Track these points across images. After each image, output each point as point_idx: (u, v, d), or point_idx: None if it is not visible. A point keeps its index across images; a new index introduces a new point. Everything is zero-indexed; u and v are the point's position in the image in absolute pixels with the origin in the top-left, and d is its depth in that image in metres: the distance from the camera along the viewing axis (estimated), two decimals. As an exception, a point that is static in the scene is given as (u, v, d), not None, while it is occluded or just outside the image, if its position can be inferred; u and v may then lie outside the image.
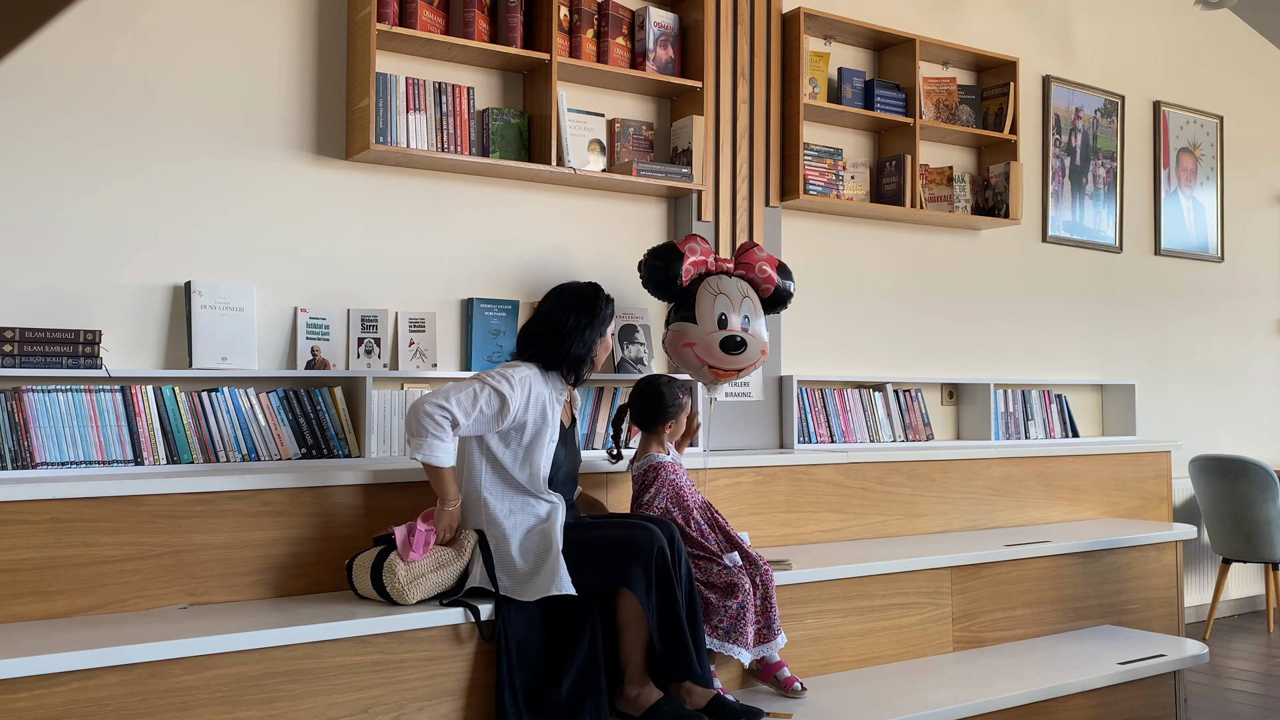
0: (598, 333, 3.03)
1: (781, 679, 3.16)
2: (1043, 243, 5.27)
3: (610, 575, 2.83)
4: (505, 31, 3.68)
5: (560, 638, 2.84)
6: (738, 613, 3.02)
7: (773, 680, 3.17)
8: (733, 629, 3.01)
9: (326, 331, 3.43)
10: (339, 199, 3.51)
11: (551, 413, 2.94)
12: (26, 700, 2.23)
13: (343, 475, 2.98)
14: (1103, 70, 5.54)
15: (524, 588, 2.80)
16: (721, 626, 3.01)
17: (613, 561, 2.83)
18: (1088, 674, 3.51)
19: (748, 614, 3.03)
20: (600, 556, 2.85)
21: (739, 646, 3.00)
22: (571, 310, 3.01)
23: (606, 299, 3.10)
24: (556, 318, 3.00)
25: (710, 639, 2.98)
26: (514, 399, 2.83)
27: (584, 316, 3.02)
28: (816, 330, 4.50)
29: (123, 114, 3.18)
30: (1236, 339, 6.09)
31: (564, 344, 2.98)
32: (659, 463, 3.24)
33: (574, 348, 2.99)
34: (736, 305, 3.57)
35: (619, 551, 2.84)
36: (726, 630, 3.01)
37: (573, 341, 2.99)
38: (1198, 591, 5.62)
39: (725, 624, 3.01)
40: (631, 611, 2.84)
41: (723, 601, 3.02)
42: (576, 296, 3.04)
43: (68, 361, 2.92)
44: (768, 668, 3.18)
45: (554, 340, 2.98)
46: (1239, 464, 5.16)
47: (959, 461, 4.29)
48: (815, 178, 4.32)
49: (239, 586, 2.84)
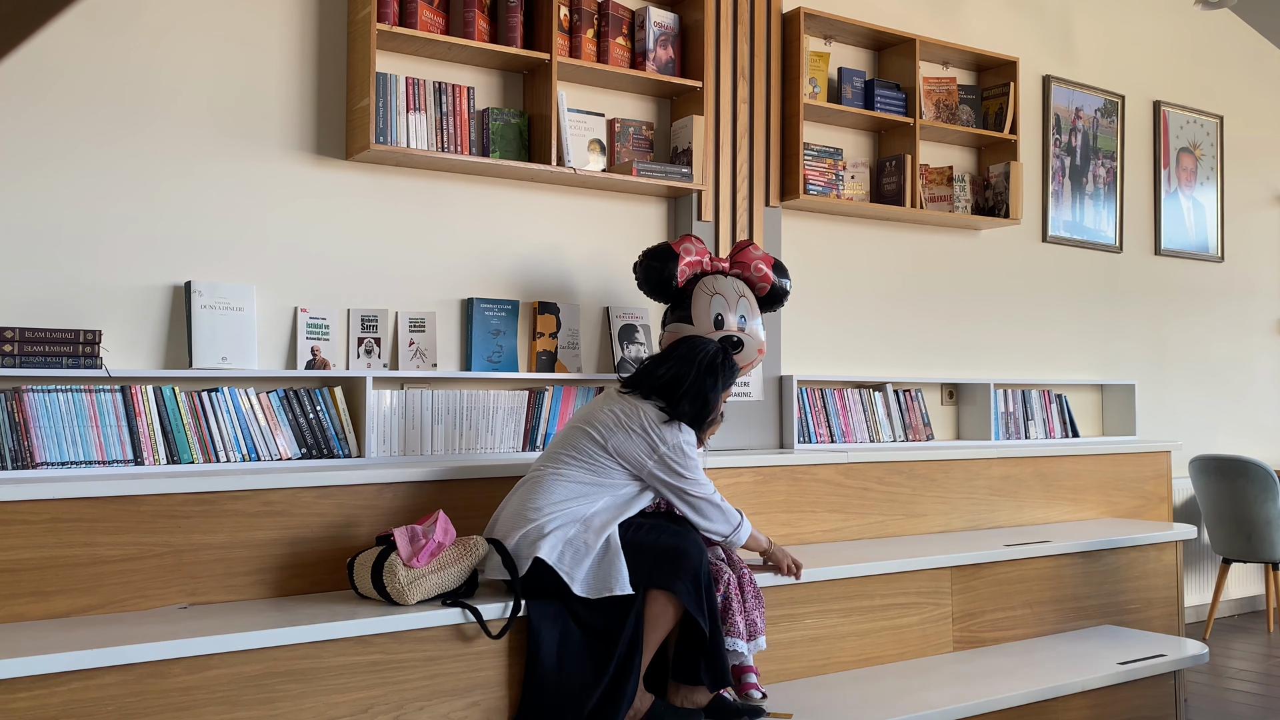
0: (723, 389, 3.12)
1: (744, 683, 3.05)
2: (1043, 243, 5.27)
3: (655, 578, 2.82)
4: (505, 31, 3.68)
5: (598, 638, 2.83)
6: (724, 604, 3.00)
7: (736, 680, 3.03)
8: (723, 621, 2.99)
9: (326, 331, 3.43)
10: (339, 199, 3.51)
11: None
12: (26, 700, 2.23)
13: (343, 475, 2.98)
14: (1103, 70, 5.54)
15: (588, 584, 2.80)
16: None
17: (661, 565, 2.82)
18: (1088, 674, 3.51)
19: (732, 604, 3.01)
20: (649, 559, 2.84)
21: (732, 638, 2.98)
22: (707, 375, 3.06)
23: (728, 361, 3.15)
24: (697, 384, 3.02)
25: None
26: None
27: (710, 375, 3.07)
28: (816, 330, 4.50)
29: (123, 114, 3.18)
30: (1236, 339, 6.10)
31: (705, 411, 3.05)
32: None
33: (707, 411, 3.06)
34: (733, 305, 3.57)
35: (670, 556, 2.83)
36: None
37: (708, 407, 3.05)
38: (1198, 591, 5.62)
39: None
40: (656, 615, 2.83)
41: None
42: (710, 363, 3.07)
43: (68, 361, 2.92)
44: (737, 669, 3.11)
45: (698, 406, 3.03)
46: (1239, 464, 5.16)
47: (959, 461, 4.29)
48: (815, 178, 4.32)
49: (239, 586, 2.84)
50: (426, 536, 2.77)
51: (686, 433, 3.00)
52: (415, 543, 2.76)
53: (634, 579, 2.81)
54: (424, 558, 2.74)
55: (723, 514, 3.00)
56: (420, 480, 3.09)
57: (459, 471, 3.16)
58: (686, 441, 2.98)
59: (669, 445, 2.94)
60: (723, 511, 3.00)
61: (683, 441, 2.97)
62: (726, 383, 3.09)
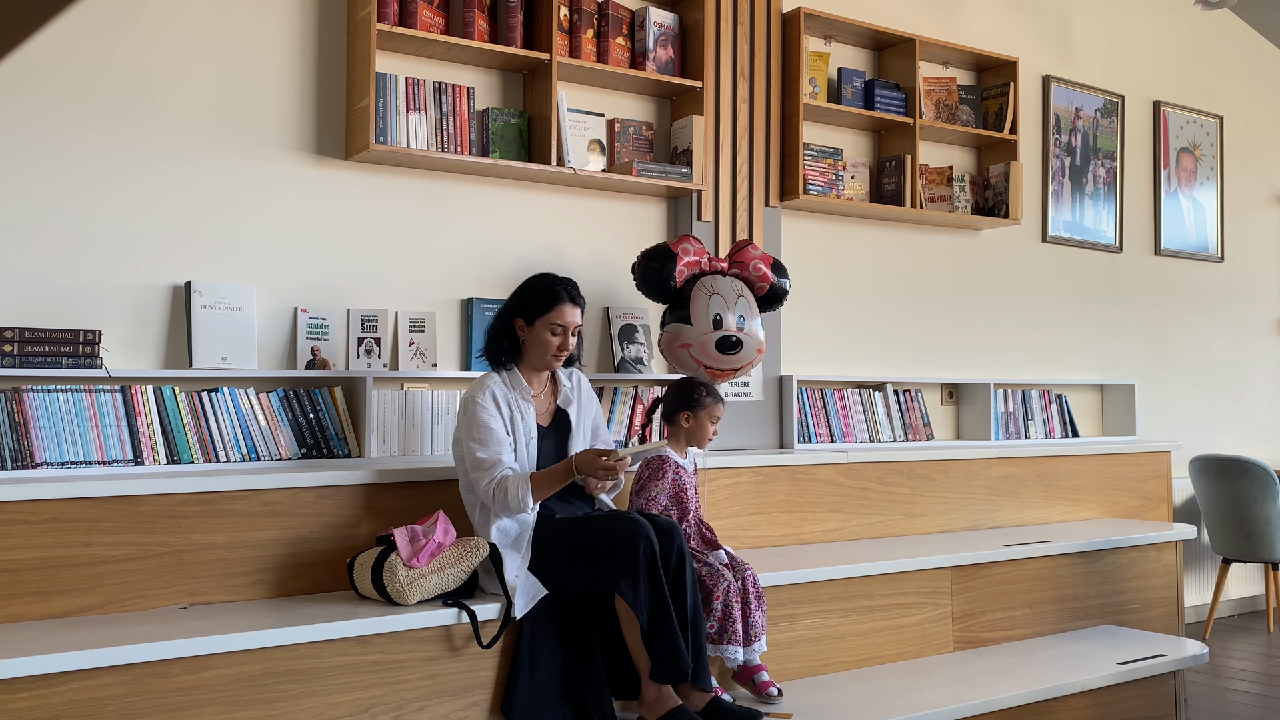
0: (517, 315, 3.00)
1: (759, 682, 3.09)
2: (1043, 243, 5.27)
3: (598, 577, 2.81)
4: (505, 31, 3.68)
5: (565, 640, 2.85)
6: (724, 612, 3.00)
7: (750, 683, 3.11)
8: (722, 630, 3.00)
9: (326, 331, 3.43)
10: (339, 199, 3.51)
11: (519, 414, 2.95)
12: (26, 700, 2.23)
13: (343, 475, 2.98)
14: (1103, 70, 5.54)
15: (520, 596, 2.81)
16: (711, 630, 2.99)
17: (600, 562, 2.81)
18: (1088, 674, 3.51)
19: (734, 612, 3.01)
20: (587, 556, 2.83)
21: (732, 645, 2.98)
22: (503, 304, 3.04)
23: (535, 278, 3.04)
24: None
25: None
26: (490, 412, 2.88)
27: (509, 302, 3.03)
28: (816, 330, 4.50)
29: (123, 114, 3.18)
30: (1236, 339, 6.09)
31: (487, 337, 3.01)
32: (667, 456, 3.23)
33: (490, 335, 3.01)
34: (731, 305, 3.57)
35: (604, 551, 2.81)
36: (717, 632, 2.99)
37: (494, 327, 3.01)
38: (1198, 591, 5.62)
39: (714, 626, 2.99)
40: (622, 616, 2.81)
41: (708, 603, 3.00)
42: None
43: (68, 361, 2.92)
44: (746, 669, 3.13)
45: (486, 337, 3.03)
46: (1239, 464, 5.16)
47: (959, 461, 4.29)
48: (815, 178, 4.32)
49: (239, 586, 2.84)
50: (426, 536, 2.77)
51: (486, 380, 2.96)
52: (415, 543, 2.76)
53: (586, 581, 2.82)
54: (424, 558, 2.73)
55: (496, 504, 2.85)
56: (420, 480, 3.08)
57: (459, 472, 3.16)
58: (474, 397, 2.91)
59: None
60: (491, 501, 2.85)
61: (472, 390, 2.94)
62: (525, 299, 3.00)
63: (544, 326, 2.97)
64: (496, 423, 2.88)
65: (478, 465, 2.85)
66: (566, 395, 3.09)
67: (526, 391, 2.99)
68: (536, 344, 2.99)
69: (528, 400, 2.98)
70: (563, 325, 2.97)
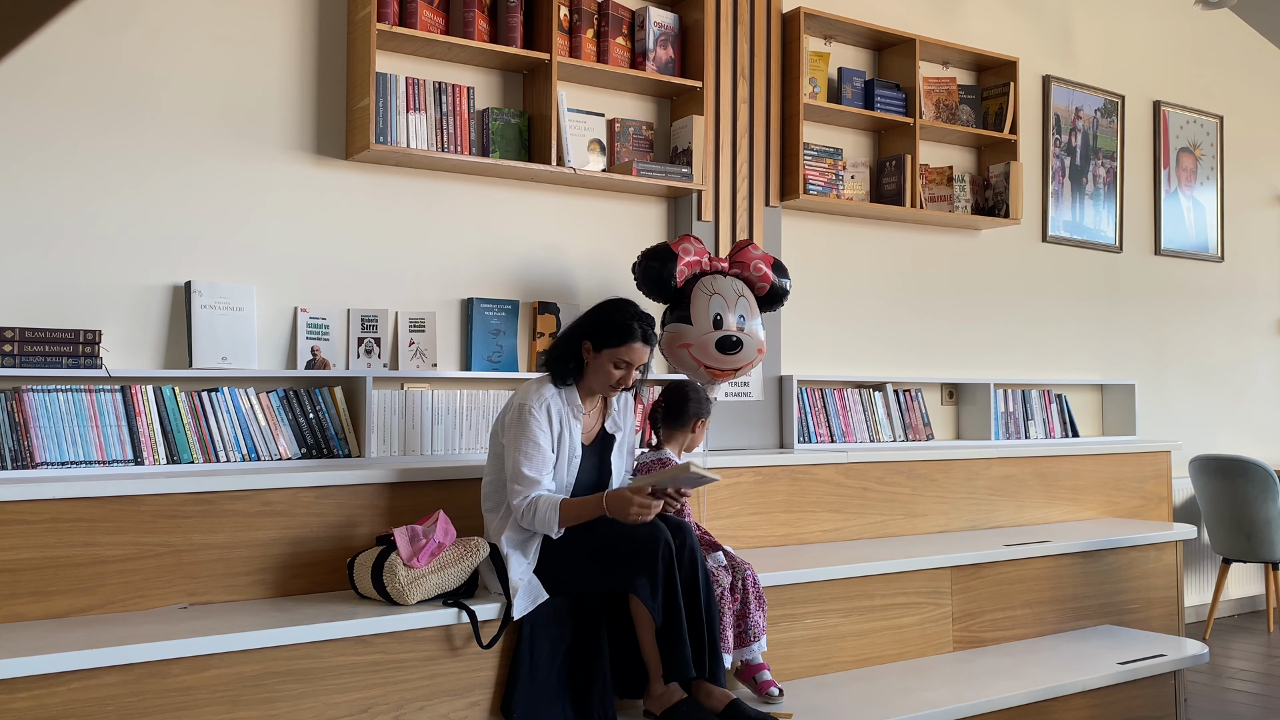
0: (586, 338, 2.96)
1: (760, 681, 3.09)
2: (1043, 243, 5.27)
3: (615, 579, 2.82)
4: (505, 31, 3.68)
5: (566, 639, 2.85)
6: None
7: (751, 681, 3.11)
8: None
9: (326, 331, 3.43)
10: (339, 199, 3.51)
11: (567, 430, 2.92)
12: (26, 700, 2.23)
13: (342, 475, 2.98)
14: (1103, 70, 5.53)
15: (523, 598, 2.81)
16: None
17: (617, 564, 2.81)
18: (1088, 674, 3.51)
19: (725, 618, 3.01)
20: (604, 558, 2.84)
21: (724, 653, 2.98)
22: (577, 319, 3.02)
23: (614, 306, 3.01)
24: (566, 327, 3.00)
25: None
26: (542, 426, 2.85)
27: (582, 321, 3.02)
28: (816, 330, 4.50)
29: (123, 114, 3.18)
30: (1236, 339, 6.09)
31: (553, 348, 2.99)
32: (669, 459, 3.23)
33: (557, 349, 2.98)
34: (732, 305, 3.57)
35: (623, 554, 2.81)
36: None
37: (562, 344, 2.99)
38: (1198, 591, 5.62)
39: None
40: (636, 617, 2.82)
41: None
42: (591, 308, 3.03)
43: (68, 361, 2.91)
44: (749, 668, 3.14)
45: (553, 348, 3.00)
46: (1239, 464, 5.16)
47: (959, 461, 4.29)
48: (815, 177, 4.32)
49: (239, 586, 2.84)
50: (426, 536, 2.77)
51: (541, 387, 2.93)
52: (415, 543, 2.76)
53: (602, 582, 2.82)
54: (424, 558, 2.73)
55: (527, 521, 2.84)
56: (420, 480, 3.08)
57: (459, 471, 3.16)
58: (526, 404, 2.88)
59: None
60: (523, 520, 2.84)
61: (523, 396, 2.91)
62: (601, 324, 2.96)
63: (610, 359, 2.93)
64: (545, 438, 2.85)
65: (518, 478, 2.82)
66: (615, 420, 3.09)
67: (579, 410, 2.96)
68: (598, 371, 2.95)
69: (577, 418, 2.96)
70: (629, 362, 2.94)
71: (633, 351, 2.92)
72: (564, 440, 2.91)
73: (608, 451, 3.04)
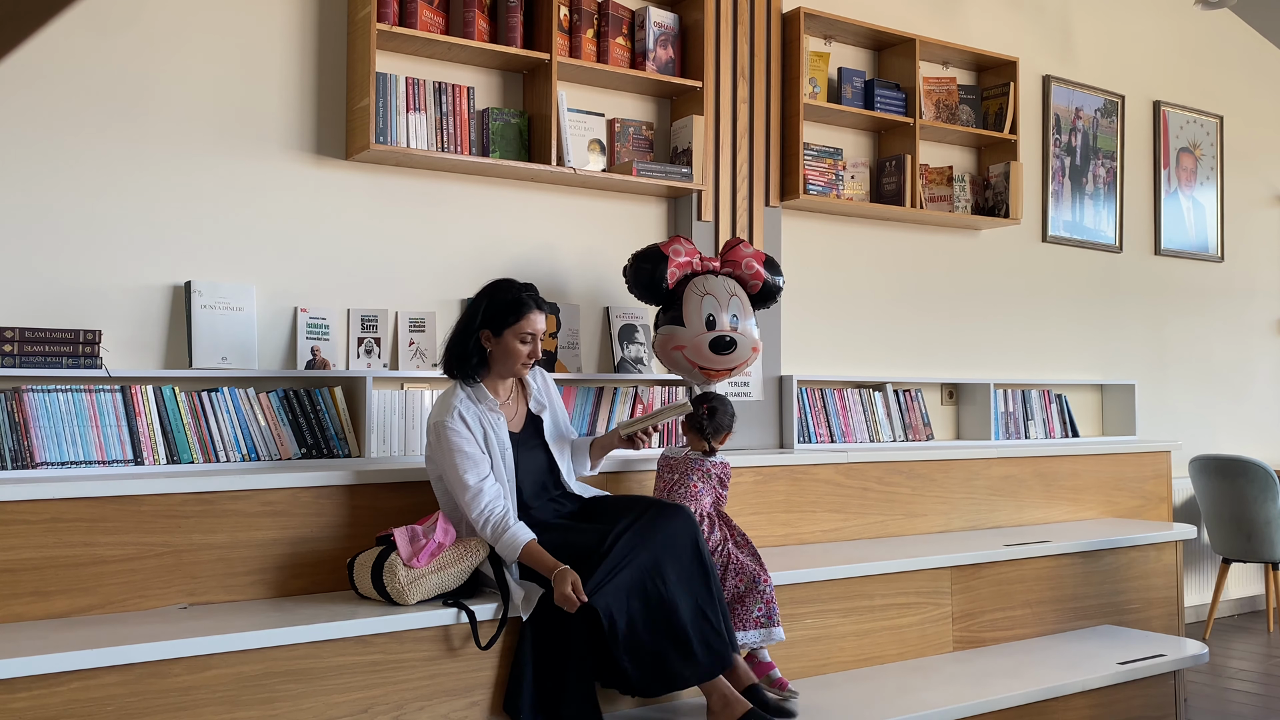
0: (483, 327, 2.92)
1: (774, 679, 3.08)
2: (1043, 243, 5.27)
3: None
4: (505, 31, 3.68)
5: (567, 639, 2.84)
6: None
7: (765, 679, 3.12)
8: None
9: (326, 331, 3.43)
10: (339, 199, 3.51)
11: (490, 428, 2.90)
12: (26, 700, 2.23)
13: (343, 475, 2.98)
14: (1103, 70, 5.54)
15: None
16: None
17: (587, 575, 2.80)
18: (1088, 674, 3.51)
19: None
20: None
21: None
22: (463, 316, 2.99)
23: (497, 287, 2.97)
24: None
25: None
26: (463, 435, 2.83)
27: (470, 313, 2.97)
28: (816, 330, 4.50)
29: (123, 114, 3.18)
30: (1236, 339, 6.09)
31: (450, 351, 2.95)
32: (700, 459, 3.24)
33: (455, 349, 2.94)
34: (724, 304, 3.57)
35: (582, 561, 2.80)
36: None
37: (457, 341, 2.95)
38: (1198, 591, 5.62)
39: None
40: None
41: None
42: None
43: (68, 361, 2.91)
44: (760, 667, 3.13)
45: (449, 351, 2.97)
46: (1239, 464, 5.16)
47: (959, 461, 4.29)
48: (815, 178, 4.32)
49: (239, 586, 2.84)
50: (426, 536, 2.77)
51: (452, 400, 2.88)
52: (415, 543, 2.76)
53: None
54: (424, 558, 2.74)
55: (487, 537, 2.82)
56: (420, 480, 3.08)
57: (459, 471, 3.16)
58: (443, 422, 2.84)
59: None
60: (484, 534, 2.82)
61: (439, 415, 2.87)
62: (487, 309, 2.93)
63: (514, 336, 2.92)
64: (470, 445, 2.83)
65: (464, 489, 2.80)
66: (538, 399, 3.07)
67: (493, 403, 2.94)
68: (505, 355, 2.93)
69: (496, 412, 2.93)
70: (532, 333, 2.93)
71: (533, 321, 2.93)
72: (491, 440, 2.89)
73: (540, 435, 3.05)
